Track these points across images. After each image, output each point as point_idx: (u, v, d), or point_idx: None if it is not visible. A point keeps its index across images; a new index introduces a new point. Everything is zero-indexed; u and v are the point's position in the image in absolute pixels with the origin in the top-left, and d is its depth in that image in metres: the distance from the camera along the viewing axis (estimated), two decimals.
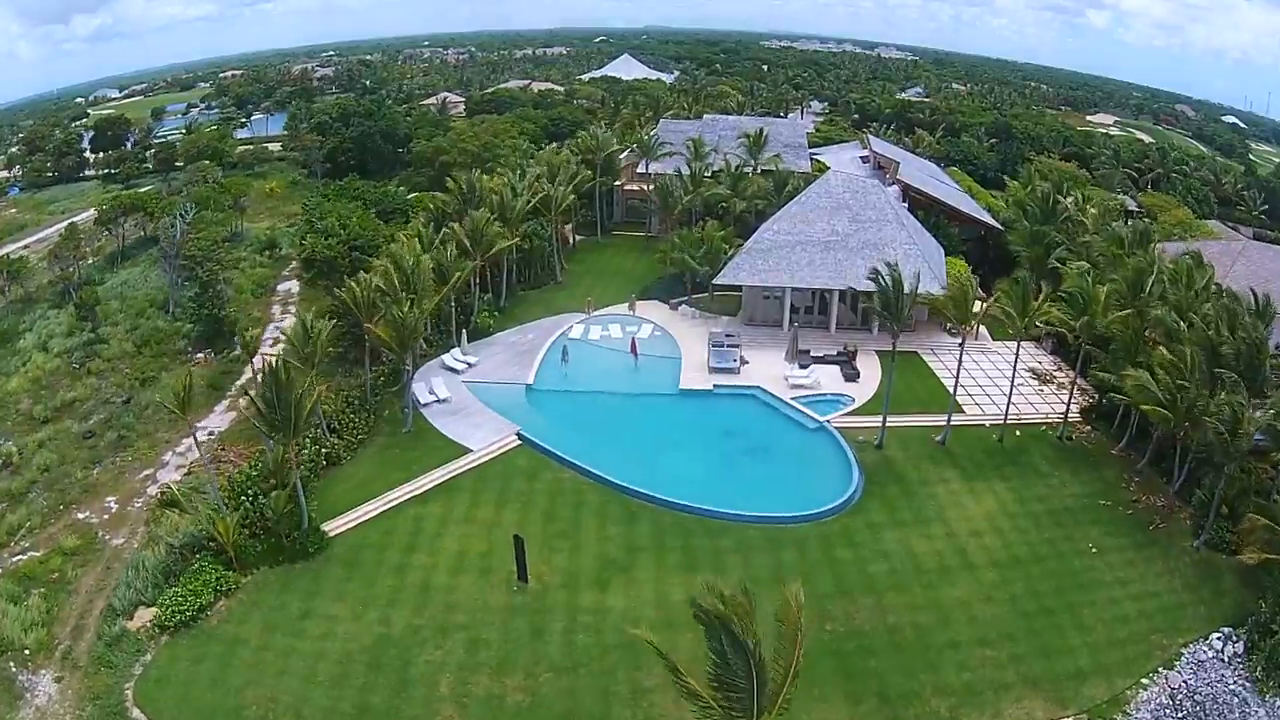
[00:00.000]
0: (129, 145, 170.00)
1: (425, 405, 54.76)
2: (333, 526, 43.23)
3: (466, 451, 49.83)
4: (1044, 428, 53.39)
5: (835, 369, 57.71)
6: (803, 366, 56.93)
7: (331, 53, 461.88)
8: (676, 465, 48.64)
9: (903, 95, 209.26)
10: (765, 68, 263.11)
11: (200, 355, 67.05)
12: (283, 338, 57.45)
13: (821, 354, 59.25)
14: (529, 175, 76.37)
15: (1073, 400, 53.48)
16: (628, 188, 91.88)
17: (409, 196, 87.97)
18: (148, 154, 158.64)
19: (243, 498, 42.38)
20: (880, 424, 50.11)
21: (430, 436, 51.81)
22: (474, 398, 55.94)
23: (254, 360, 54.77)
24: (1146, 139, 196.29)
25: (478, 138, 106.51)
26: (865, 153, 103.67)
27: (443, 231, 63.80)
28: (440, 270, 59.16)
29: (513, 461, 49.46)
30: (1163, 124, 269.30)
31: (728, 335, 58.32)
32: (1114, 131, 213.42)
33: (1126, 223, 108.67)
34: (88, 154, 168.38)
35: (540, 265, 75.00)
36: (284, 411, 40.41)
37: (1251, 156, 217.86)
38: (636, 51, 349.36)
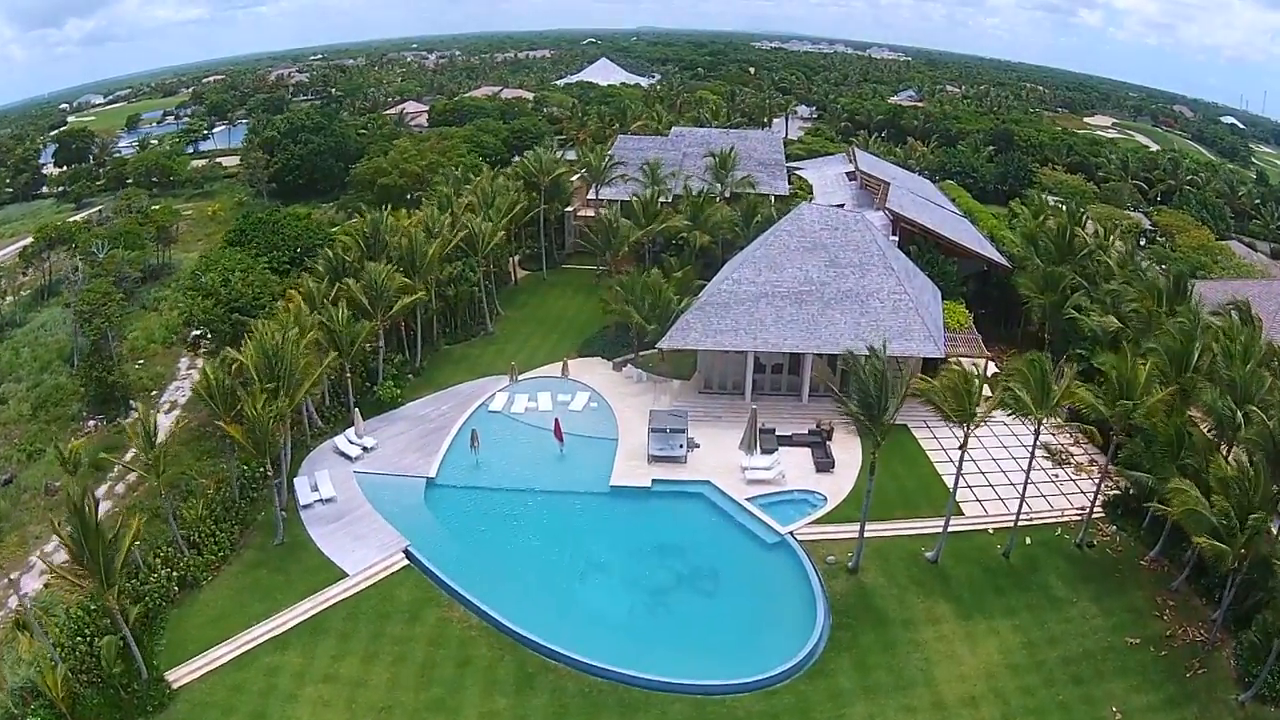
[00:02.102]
0: (90, 160, 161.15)
1: (307, 506, 44.98)
2: (180, 675, 34.82)
3: (342, 576, 40.10)
4: (1059, 530, 43.06)
5: (806, 453, 47.17)
6: (766, 451, 46.41)
7: (318, 56, 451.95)
8: (593, 600, 38.50)
9: (895, 99, 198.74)
10: (752, 70, 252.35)
11: (92, 422, 58.71)
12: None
13: (790, 433, 48.64)
14: (458, 205, 65.95)
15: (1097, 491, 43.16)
16: (582, 213, 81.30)
17: (334, 229, 77.65)
18: (101, 171, 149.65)
19: (78, 638, 34.71)
20: (857, 535, 39.54)
21: (304, 552, 42.02)
22: (364, 497, 45.78)
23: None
24: (1153, 145, 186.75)
25: (422, 156, 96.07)
26: (852, 168, 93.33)
27: (336, 288, 53.32)
28: (334, 338, 49.08)
29: (395, 592, 39.36)
30: (1162, 126, 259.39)
31: (673, 415, 47.55)
32: (1112, 134, 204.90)
33: (1139, 241, 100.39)
34: (48, 169, 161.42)
35: (469, 313, 64.47)
36: (93, 559, 31.69)
37: (1255, 160, 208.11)
38: (625, 53, 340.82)
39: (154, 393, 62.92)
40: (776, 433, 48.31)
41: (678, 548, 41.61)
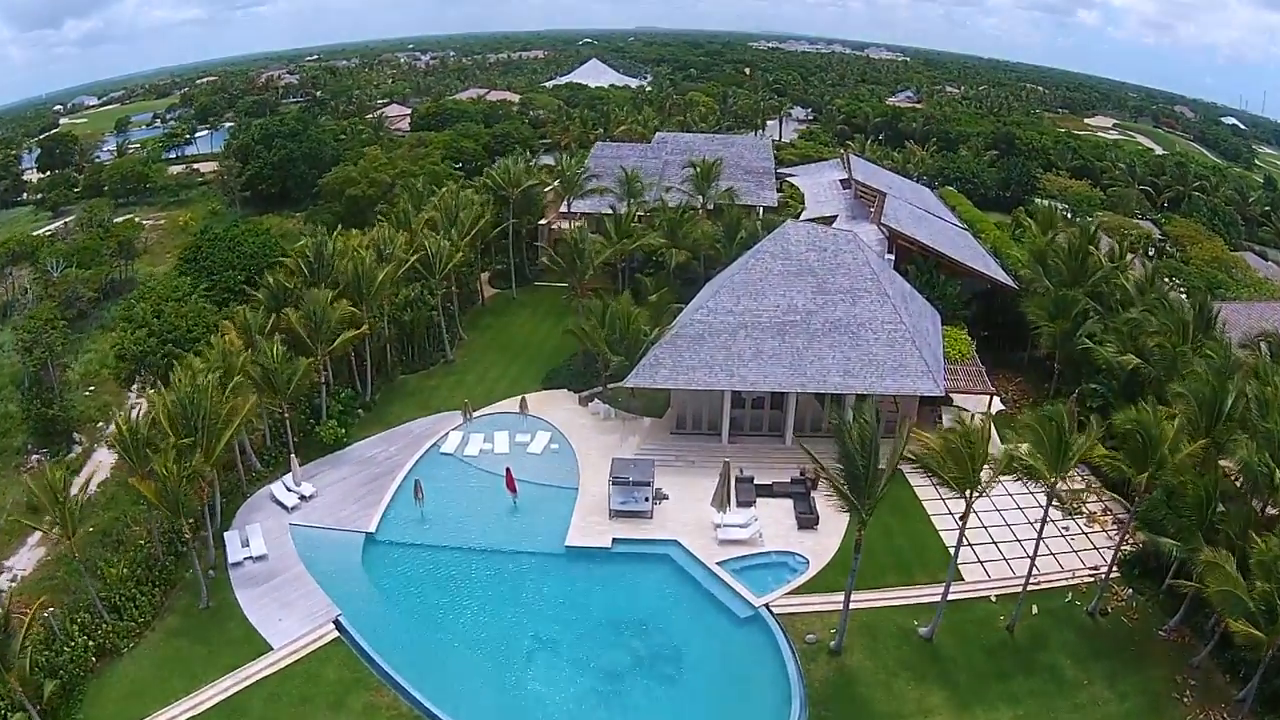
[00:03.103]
0: (71, 166, 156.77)
1: (237, 564, 40.54)
2: None
3: (267, 650, 35.75)
4: (1069, 595, 38.21)
5: (788, 506, 42.20)
6: (743, 504, 41.47)
7: (315, 57, 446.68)
8: (539, 685, 33.57)
9: (893, 100, 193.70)
10: (748, 71, 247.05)
11: (36, 457, 54.22)
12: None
13: (770, 482, 43.64)
14: (418, 222, 61.03)
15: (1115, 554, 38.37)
16: (557, 225, 76.28)
17: (299, 244, 72.91)
18: (78, 178, 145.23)
19: None
20: (841, 608, 34.57)
21: (230, 619, 37.68)
22: (297, 555, 41.12)
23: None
24: (1156, 148, 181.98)
25: (393, 165, 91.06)
26: (846, 175, 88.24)
27: (273, 319, 48.46)
28: (268, 377, 44.33)
29: (321, 670, 34.82)
30: (1163, 127, 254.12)
31: (636, 464, 42.42)
32: (1114, 135, 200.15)
33: (1149, 252, 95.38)
34: (31, 175, 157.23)
35: (428, 339, 59.52)
36: None
37: (1259, 162, 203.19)
38: (620, 54, 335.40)
39: (100, 424, 58.35)
40: (755, 481, 43.33)
41: (637, 622, 36.54)
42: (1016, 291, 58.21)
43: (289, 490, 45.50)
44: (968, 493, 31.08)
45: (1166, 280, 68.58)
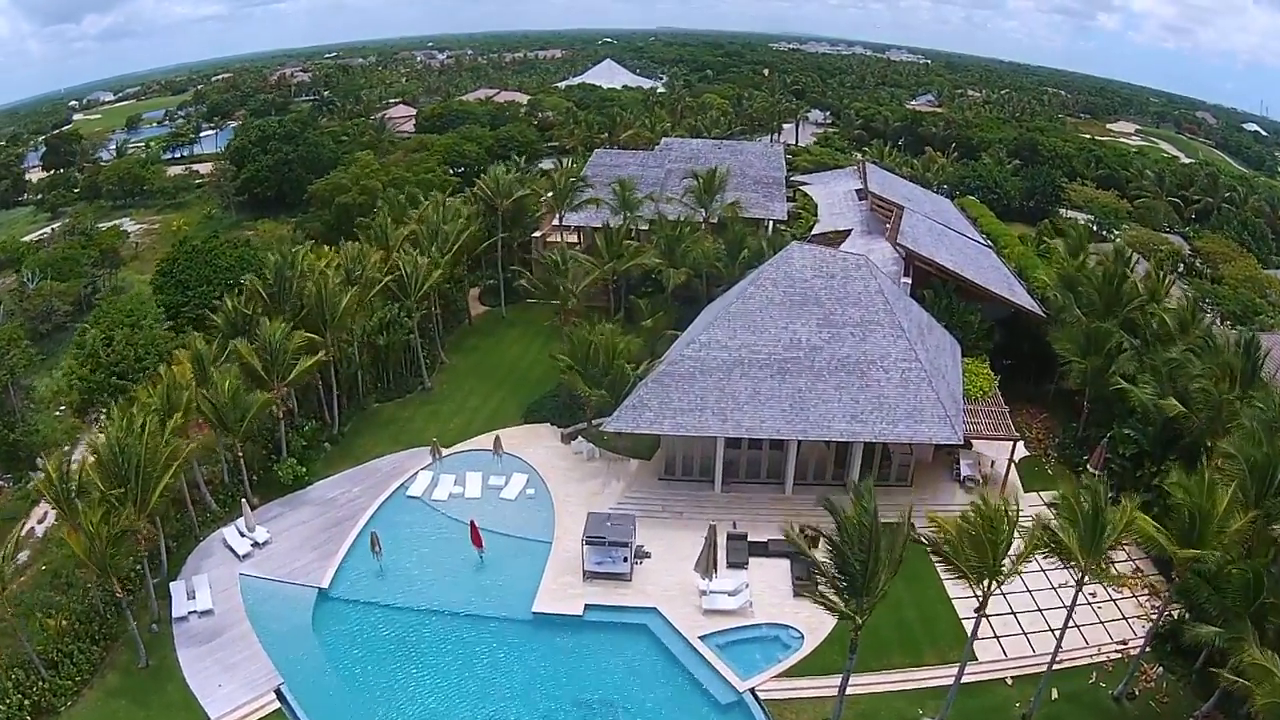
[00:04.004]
0: (75, 165, 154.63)
1: (182, 618, 37.16)
2: None
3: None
4: (1093, 675, 33.83)
5: (784, 568, 37.88)
6: (734, 566, 37.25)
7: (333, 54, 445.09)
8: None
9: (913, 104, 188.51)
10: (765, 72, 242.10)
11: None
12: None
13: (765, 539, 39.30)
14: (395, 237, 57.06)
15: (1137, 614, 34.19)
16: (551, 239, 72.17)
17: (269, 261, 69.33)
18: (79, 178, 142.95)
19: None
20: (837, 694, 30.23)
21: (170, 681, 34.63)
22: (245, 610, 37.49)
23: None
24: (1180, 154, 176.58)
25: (386, 171, 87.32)
26: (862, 185, 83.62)
27: (229, 348, 44.64)
28: (219, 414, 40.66)
29: None
30: (1185, 133, 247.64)
31: (614, 521, 38.10)
32: (1136, 141, 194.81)
33: (1179, 266, 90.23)
34: (37, 173, 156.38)
35: (405, 364, 55.56)
36: None
37: None
38: (639, 54, 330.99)
39: (67, 448, 54.93)
40: (749, 538, 39.06)
41: (606, 703, 32.35)
42: (1043, 319, 53.52)
43: (242, 536, 41.82)
44: (986, 583, 26.67)
45: (1203, 305, 63.93)
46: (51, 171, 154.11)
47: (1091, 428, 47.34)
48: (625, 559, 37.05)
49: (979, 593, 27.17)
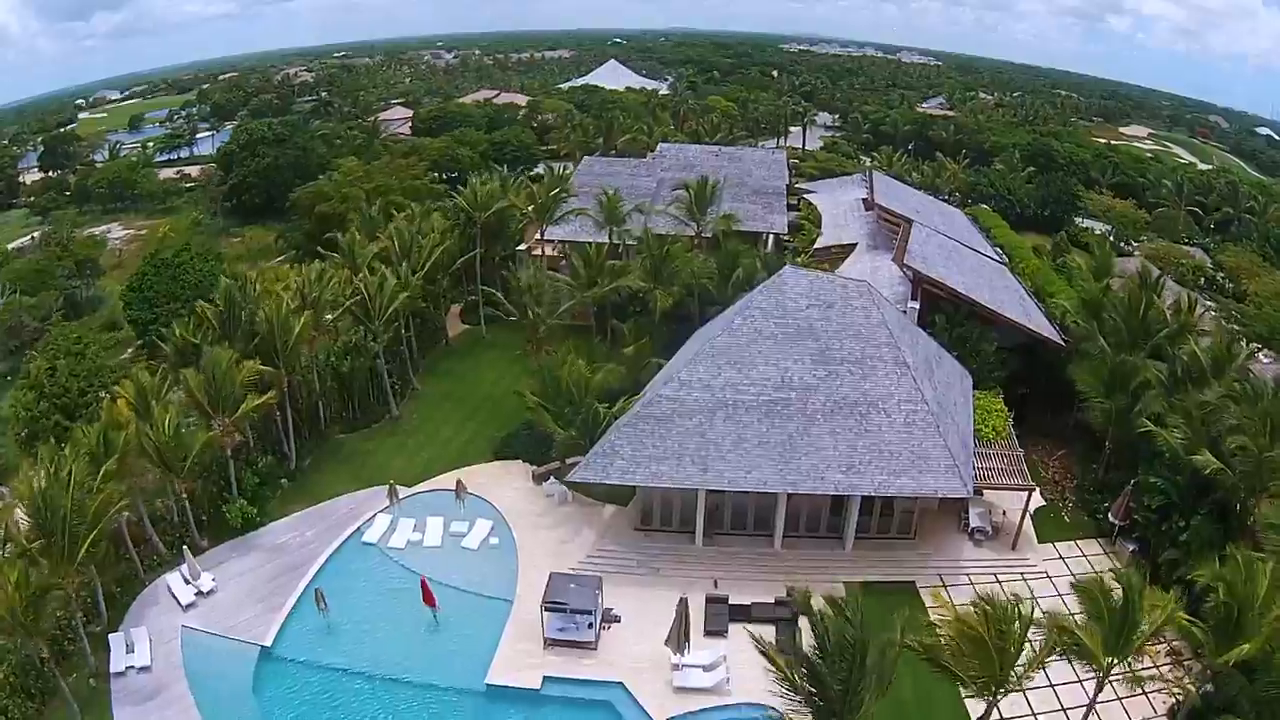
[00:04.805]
0: (70, 167, 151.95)
1: (119, 674, 34.08)
2: None
3: None
4: None
5: (769, 635, 33.96)
6: (712, 634, 33.40)
7: (343, 53, 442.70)
8: None
9: (923, 107, 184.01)
10: (774, 74, 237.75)
11: None
12: None
13: (749, 602, 35.40)
14: (363, 255, 53.38)
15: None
16: (535, 253, 68.34)
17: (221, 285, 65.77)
18: (71, 180, 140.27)
19: None
20: None
21: None
22: (184, 667, 34.22)
23: None
24: (1196, 160, 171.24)
25: (370, 178, 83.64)
26: (869, 195, 79.54)
27: (178, 379, 41.03)
28: (160, 454, 37.21)
29: None
30: (1199, 137, 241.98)
31: (577, 584, 34.11)
32: (1149, 145, 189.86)
33: (1201, 279, 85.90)
34: (22, 177, 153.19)
35: (372, 391, 51.85)
36: None
37: None
38: (648, 54, 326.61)
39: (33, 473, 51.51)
40: (730, 601, 35.18)
41: None
42: (1063, 347, 49.31)
43: (186, 583, 38.38)
44: (994, 693, 22.75)
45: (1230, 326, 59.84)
46: (47, 173, 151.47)
47: (1113, 471, 43.25)
48: (590, 625, 33.21)
49: (985, 700, 23.25)
